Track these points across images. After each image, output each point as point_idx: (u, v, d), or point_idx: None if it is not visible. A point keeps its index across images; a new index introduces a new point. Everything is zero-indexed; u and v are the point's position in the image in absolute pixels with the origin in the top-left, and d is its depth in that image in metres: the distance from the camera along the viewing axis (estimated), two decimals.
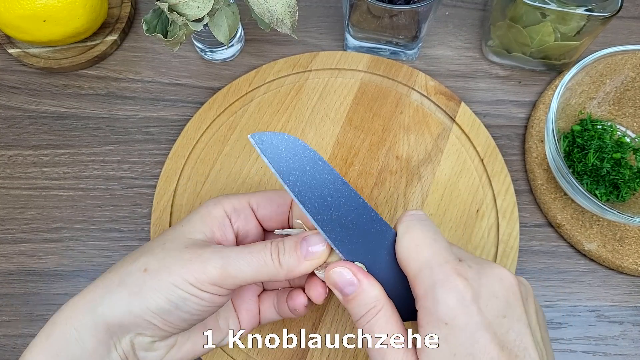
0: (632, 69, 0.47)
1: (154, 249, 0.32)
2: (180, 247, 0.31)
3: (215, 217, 0.34)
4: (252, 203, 0.35)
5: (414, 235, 0.30)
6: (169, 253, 0.31)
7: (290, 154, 0.32)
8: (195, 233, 0.33)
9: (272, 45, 0.55)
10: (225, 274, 0.30)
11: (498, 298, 0.29)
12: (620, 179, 0.46)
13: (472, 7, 0.57)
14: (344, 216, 0.32)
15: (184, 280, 0.30)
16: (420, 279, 0.29)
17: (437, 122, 0.50)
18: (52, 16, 0.47)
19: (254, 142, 0.31)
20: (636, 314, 0.46)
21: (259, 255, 0.31)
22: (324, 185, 0.32)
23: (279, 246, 0.32)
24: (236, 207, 0.34)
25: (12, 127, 0.51)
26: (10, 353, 0.44)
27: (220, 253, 0.31)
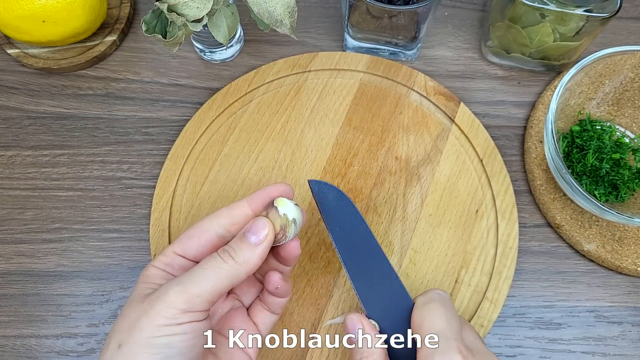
0: (631, 69, 0.48)
1: (117, 326, 0.31)
2: (136, 306, 0.31)
3: (154, 274, 0.33)
4: (177, 250, 0.34)
5: (434, 307, 0.33)
6: (129, 317, 0.30)
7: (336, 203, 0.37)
8: (144, 291, 0.32)
9: (271, 46, 0.55)
10: (188, 296, 0.30)
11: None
12: (619, 180, 0.46)
13: (471, 8, 0.57)
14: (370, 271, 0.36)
15: (157, 326, 0.29)
16: (425, 345, 0.31)
17: (436, 122, 0.50)
18: (51, 17, 0.47)
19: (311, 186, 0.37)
20: (635, 314, 0.46)
21: (212, 264, 0.31)
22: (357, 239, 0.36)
23: (226, 249, 0.32)
24: (166, 261, 0.34)
25: (11, 127, 0.51)
26: (9, 354, 0.44)
27: (174, 281, 0.30)
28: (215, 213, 0.35)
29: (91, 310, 0.45)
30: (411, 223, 0.46)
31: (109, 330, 0.32)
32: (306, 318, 0.43)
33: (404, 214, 0.47)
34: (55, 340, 0.44)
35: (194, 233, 0.34)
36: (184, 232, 0.35)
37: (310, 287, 0.44)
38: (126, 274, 0.46)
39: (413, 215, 0.47)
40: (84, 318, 0.45)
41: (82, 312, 0.45)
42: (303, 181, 0.48)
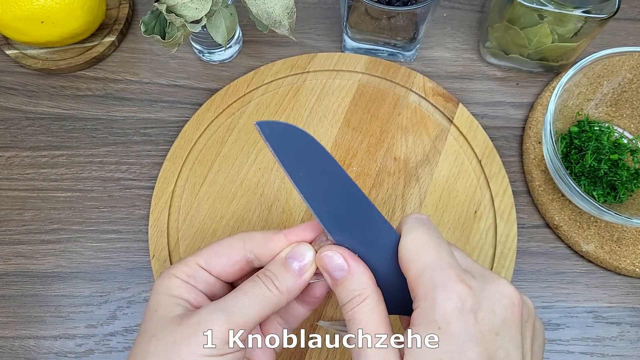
0: (630, 70, 0.48)
1: (149, 348, 0.28)
2: (173, 329, 0.28)
3: (177, 286, 0.31)
4: (202, 263, 0.32)
5: (418, 236, 0.30)
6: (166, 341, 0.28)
7: (295, 144, 0.31)
8: (174, 309, 0.30)
9: (270, 47, 0.55)
10: (234, 326, 0.28)
11: (495, 314, 0.28)
12: (618, 180, 0.46)
13: (469, 9, 0.57)
14: (345, 211, 0.31)
15: (199, 356, 0.27)
16: (422, 280, 0.28)
17: (435, 123, 0.50)
18: (50, 17, 0.47)
19: (259, 129, 0.31)
20: (634, 314, 0.46)
21: (255, 292, 0.30)
22: (326, 179, 0.31)
23: (268, 275, 0.30)
24: (187, 272, 0.31)
25: (9, 128, 0.51)
26: (7, 355, 0.44)
27: (217, 308, 0.28)
28: (248, 236, 0.33)
29: (90, 312, 0.45)
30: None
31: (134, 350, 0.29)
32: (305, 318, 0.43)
33: (403, 215, 0.47)
34: (54, 341, 0.44)
35: (222, 251, 0.32)
36: (209, 247, 0.33)
37: None
38: (125, 275, 0.46)
39: None
40: (82, 319, 0.45)
41: (80, 313, 0.45)
42: None
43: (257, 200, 0.47)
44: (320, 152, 0.32)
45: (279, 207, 0.47)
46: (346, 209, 0.31)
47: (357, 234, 0.31)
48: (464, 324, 0.27)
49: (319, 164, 0.31)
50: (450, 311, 0.27)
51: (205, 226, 0.46)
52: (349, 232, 0.31)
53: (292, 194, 0.47)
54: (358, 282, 0.29)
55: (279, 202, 0.47)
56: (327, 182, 0.31)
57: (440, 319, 0.27)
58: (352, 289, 0.29)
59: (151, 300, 0.31)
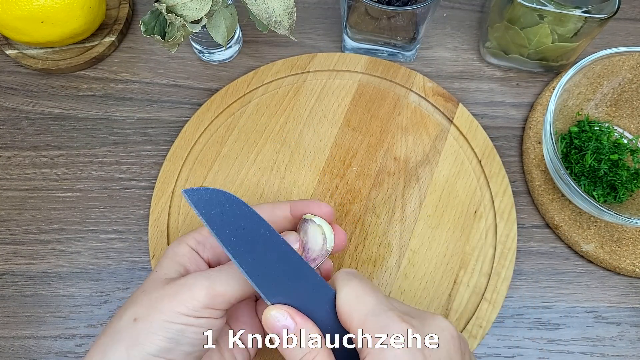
0: (630, 70, 0.48)
1: (137, 298, 0.31)
2: (161, 286, 0.31)
3: (183, 254, 0.34)
4: None
5: (354, 287, 0.31)
6: (152, 295, 0.31)
7: (225, 209, 0.32)
8: (170, 273, 0.33)
9: (270, 47, 0.55)
10: (214, 293, 0.30)
11: (440, 348, 0.29)
12: (618, 180, 0.46)
13: (469, 9, 0.57)
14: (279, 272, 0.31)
15: (177, 313, 0.30)
16: (366, 328, 0.29)
17: (434, 123, 0.50)
18: (50, 17, 0.47)
19: (187, 197, 0.31)
20: (634, 315, 0.46)
21: None
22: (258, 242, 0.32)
23: None
24: (199, 239, 0.35)
25: (9, 128, 0.51)
26: (7, 355, 0.44)
27: (204, 275, 0.31)
28: (257, 206, 0.35)
29: (90, 312, 0.45)
30: (410, 224, 0.46)
31: (126, 301, 0.32)
32: None
33: (403, 215, 0.47)
34: (54, 341, 0.44)
35: None
36: None
37: None
38: (125, 275, 0.46)
39: (412, 216, 0.47)
40: (82, 319, 0.45)
41: (80, 313, 0.45)
42: (302, 182, 0.48)
43: (257, 200, 0.47)
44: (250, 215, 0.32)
45: None
46: (280, 269, 0.31)
47: (293, 294, 0.31)
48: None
49: (249, 228, 0.32)
50: (401, 353, 0.28)
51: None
52: (285, 292, 0.31)
53: (292, 194, 0.47)
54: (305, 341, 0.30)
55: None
56: (259, 244, 0.32)
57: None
58: (301, 347, 0.30)
59: (158, 262, 0.34)
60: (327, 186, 0.48)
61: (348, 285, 0.31)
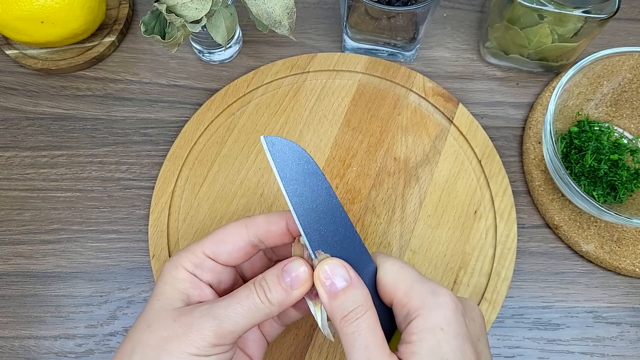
0: (630, 70, 0.48)
1: (142, 337, 0.30)
2: (168, 324, 0.30)
3: (183, 279, 0.32)
4: (208, 252, 0.33)
5: (395, 261, 0.31)
6: (160, 335, 0.30)
7: (295, 163, 0.32)
8: (174, 302, 0.32)
9: (270, 47, 0.55)
10: (222, 332, 0.30)
11: (475, 322, 0.31)
12: (618, 181, 0.46)
13: (469, 9, 0.57)
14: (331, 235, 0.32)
15: (187, 354, 0.29)
16: (415, 292, 0.29)
17: (434, 123, 0.50)
18: (50, 17, 0.47)
19: (264, 143, 0.32)
20: (634, 315, 0.46)
21: (248, 302, 0.31)
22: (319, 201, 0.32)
23: (262, 285, 0.31)
24: (194, 262, 0.33)
25: (9, 128, 0.51)
26: (7, 355, 0.44)
27: (210, 313, 0.30)
28: (250, 220, 0.34)
29: (90, 312, 0.45)
30: (410, 224, 0.46)
31: (130, 333, 0.31)
32: (305, 319, 0.43)
33: (403, 215, 0.47)
34: (54, 341, 0.44)
35: (227, 238, 0.33)
36: (214, 234, 0.34)
37: None
38: (125, 275, 0.46)
39: (412, 216, 0.47)
40: (82, 319, 0.45)
41: (80, 313, 0.45)
42: None
43: (257, 201, 0.47)
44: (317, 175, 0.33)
45: (279, 207, 0.47)
46: (332, 232, 0.32)
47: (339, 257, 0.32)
48: (461, 326, 0.29)
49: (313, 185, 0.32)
50: (450, 312, 0.29)
51: (205, 226, 0.46)
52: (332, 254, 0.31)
53: None
54: (361, 293, 0.30)
55: (279, 202, 0.47)
56: (319, 204, 0.32)
57: (442, 321, 0.28)
58: (355, 299, 0.30)
59: (156, 288, 0.32)
60: None
61: (389, 260, 0.32)
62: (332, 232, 0.32)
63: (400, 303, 0.30)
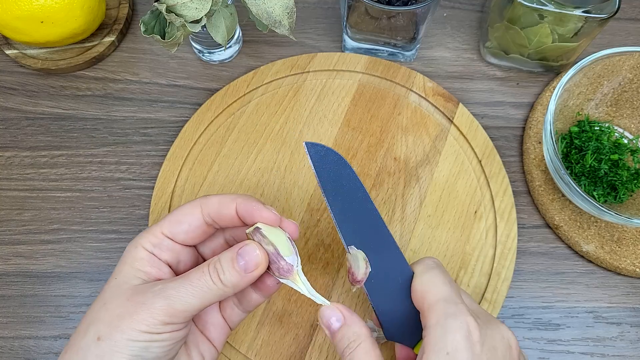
0: (630, 70, 0.48)
1: (98, 314, 0.31)
2: (122, 302, 0.31)
3: (141, 258, 0.33)
4: (166, 232, 0.34)
5: (437, 274, 0.34)
6: (113, 312, 0.31)
7: (333, 167, 0.36)
8: (131, 280, 0.32)
9: (270, 47, 0.55)
10: (173, 312, 0.30)
11: (497, 351, 0.31)
12: (618, 180, 0.46)
13: (469, 9, 0.57)
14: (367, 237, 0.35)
15: (138, 331, 0.30)
16: (435, 310, 0.32)
17: (435, 123, 0.50)
18: (50, 17, 0.47)
19: (306, 149, 0.36)
20: (634, 315, 0.46)
21: (200, 283, 0.31)
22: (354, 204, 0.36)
23: (216, 267, 0.32)
24: (153, 242, 0.34)
25: (9, 128, 0.51)
26: (7, 355, 0.44)
27: (162, 293, 0.31)
28: (205, 201, 0.35)
29: None
30: (410, 224, 0.46)
31: (88, 312, 0.32)
32: (305, 319, 0.43)
33: (403, 215, 0.47)
34: (54, 341, 0.44)
35: (183, 218, 0.34)
36: (171, 214, 0.35)
37: None
38: None
39: (412, 216, 0.47)
40: None
41: (80, 313, 0.45)
42: (302, 182, 0.48)
43: None
44: (353, 180, 0.36)
45: (278, 207, 0.47)
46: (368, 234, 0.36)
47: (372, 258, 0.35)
48: (470, 353, 0.30)
49: (349, 189, 0.36)
50: (459, 339, 0.30)
51: None
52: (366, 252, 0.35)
53: (292, 194, 0.47)
54: (353, 330, 0.33)
55: (279, 202, 0.47)
56: (354, 205, 0.36)
57: (449, 346, 0.30)
58: (348, 336, 0.33)
59: (116, 268, 0.34)
60: None
61: (431, 272, 0.34)
62: (367, 232, 0.35)
63: (423, 315, 0.33)
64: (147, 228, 0.35)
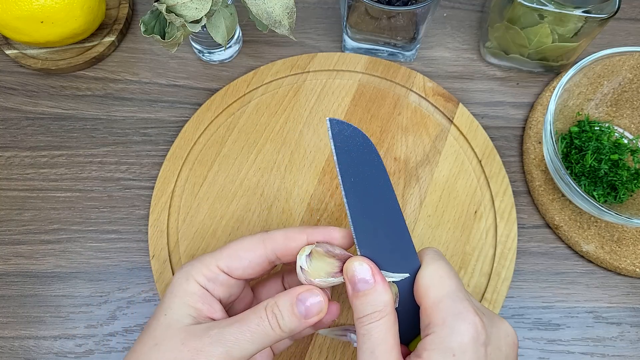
0: (630, 70, 0.48)
1: (150, 356, 0.30)
2: (175, 345, 0.30)
3: (193, 293, 0.31)
4: (222, 266, 0.32)
5: (440, 266, 0.31)
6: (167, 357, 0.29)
7: (356, 150, 0.32)
8: (183, 318, 0.31)
9: (270, 47, 0.55)
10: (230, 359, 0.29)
11: (501, 351, 0.30)
12: (618, 181, 0.46)
13: (470, 9, 0.57)
14: (380, 228, 0.32)
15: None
16: (441, 307, 0.30)
17: (435, 123, 0.50)
18: (50, 17, 0.47)
19: (329, 125, 0.32)
20: (634, 315, 0.46)
21: (259, 329, 0.30)
22: (372, 192, 0.33)
23: (275, 312, 0.30)
24: (208, 276, 0.32)
25: (9, 128, 0.51)
26: (7, 355, 0.44)
27: (219, 340, 0.29)
28: (269, 236, 0.33)
29: (89, 312, 0.45)
30: (410, 224, 0.46)
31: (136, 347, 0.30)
32: None
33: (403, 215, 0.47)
34: (54, 341, 0.44)
35: (243, 254, 0.33)
36: (230, 247, 0.33)
37: None
38: (124, 275, 0.46)
39: (412, 216, 0.47)
40: (82, 319, 0.45)
41: (80, 314, 0.45)
42: (302, 182, 0.48)
43: (257, 201, 0.47)
44: (376, 164, 0.33)
45: (278, 207, 0.47)
46: (381, 223, 0.32)
47: (383, 253, 0.32)
48: (477, 355, 0.29)
49: (369, 175, 0.33)
50: (467, 341, 0.29)
51: (205, 226, 0.46)
52: (376, 246, 0.32)
53: (292, 194, 0.47)
54: (381, 298, 0.30)
55: (279, 202, 0.47)
56: (371, 194, 0.33)
57: (456, 347, 0.29)
58: (373, 304, 0.30)
59: (165, 298, 0.32)
60: (327, 186, 0.48)
61: (435, 264, 0.32)
62: (381, 227, 0.32)
63: (425, 312, 0.30)
64: (200, 257, 0.33)
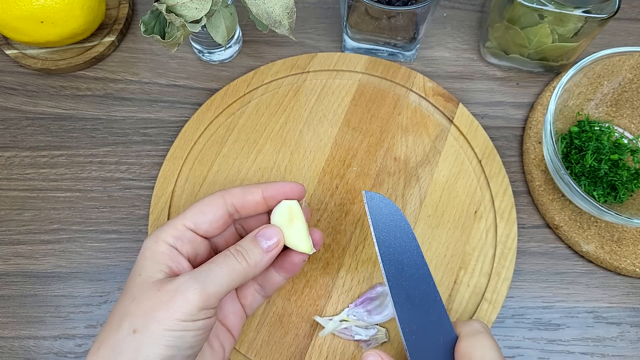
0: (630, 70, 0.48)
1: (129, 309, 0.31)
2: (153, 294, 0.31)
3: (163, 252, 0.34)
4: (189, 224, 0.35)
5: (484, 337, 0.34)
6: (146, 305, 0.31)
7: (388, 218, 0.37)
8: (156, 274, 0.33)
9: (270, 47, 0.55)
10: (206, 295, 0.31)
11: None
12: (618, 181, 0.46)
13: (470, 9, 0.57)
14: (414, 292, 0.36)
15: (175, 320, 0.30)
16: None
17: (435, 123, 0.50)
18: (50, 17, 0.47)
19: (365, 198, 0.37)
20: (634, 315, 0.46)
21: (227, 264, 0.33)
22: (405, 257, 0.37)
23: (239, 250, 0.34)
24: (175, 235, 0.34)
25: (9, 128, 0.51)
26: (7, 355, 0.44)
27: (193, 278, 0.32)
28: (227, 191, 0.36)
29: (89, 312, 0.45)
30: (410, 224, 0.46)
31: (116, 308, 0.32)
32: (305, 319, 0.43)
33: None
34: (54, 341, 0.44)
35: (206, 209, 0.35)
36: (192, 207, 0.36)
37: (309, 288, 0.44)
38: (124, 275, 0.46)
39: (412, 216, 0.47)
40: (82, 319, 0.45)
41: (80, 314, 0.45)
42: (302, 181, 0.48)
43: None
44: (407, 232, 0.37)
45: None
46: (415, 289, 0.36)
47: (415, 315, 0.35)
48: None
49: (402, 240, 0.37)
50: None
51: None
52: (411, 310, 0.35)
53: None
54: None
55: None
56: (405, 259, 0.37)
57: None
58: None
59: (137, 262, 0.34)
60: (327, 186, 0.48)
61: (478, 336, 0.34)
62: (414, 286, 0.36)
63: None
64: (167, 222, 0.36)
